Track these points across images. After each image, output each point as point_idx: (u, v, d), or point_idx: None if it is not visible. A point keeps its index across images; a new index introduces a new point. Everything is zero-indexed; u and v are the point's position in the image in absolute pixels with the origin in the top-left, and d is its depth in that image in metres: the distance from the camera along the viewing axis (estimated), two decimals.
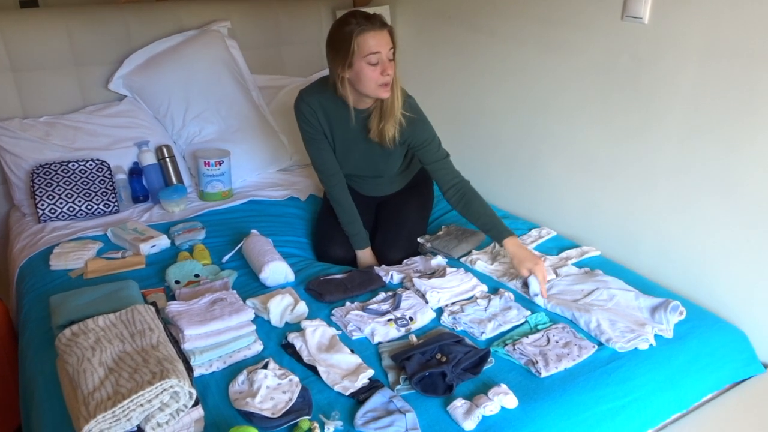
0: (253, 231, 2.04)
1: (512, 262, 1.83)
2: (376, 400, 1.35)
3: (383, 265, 1.99)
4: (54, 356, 1.45)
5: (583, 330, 1.63)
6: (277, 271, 1.82)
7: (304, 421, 1.29)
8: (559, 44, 2.07)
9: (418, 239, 2.13)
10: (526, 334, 1.59)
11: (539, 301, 1.74)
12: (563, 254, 2.02)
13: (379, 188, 2.24)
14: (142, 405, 1.18)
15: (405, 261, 2.00)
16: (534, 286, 1.76)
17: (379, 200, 2.28)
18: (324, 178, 2.09)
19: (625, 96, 1.89)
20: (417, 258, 2.01)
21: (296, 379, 1.41)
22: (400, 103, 1.87)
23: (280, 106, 2.79)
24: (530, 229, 2.20)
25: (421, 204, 2.25)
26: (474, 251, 2.04)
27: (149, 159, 2.43)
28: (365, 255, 2.10)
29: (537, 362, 1.47)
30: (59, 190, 2.22)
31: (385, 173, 2.14)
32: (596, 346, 1.55)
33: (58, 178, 2.24)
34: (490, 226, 1.89)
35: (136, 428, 1.20)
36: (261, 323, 1.63)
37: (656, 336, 1.59)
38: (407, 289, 1.81)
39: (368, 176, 2.17)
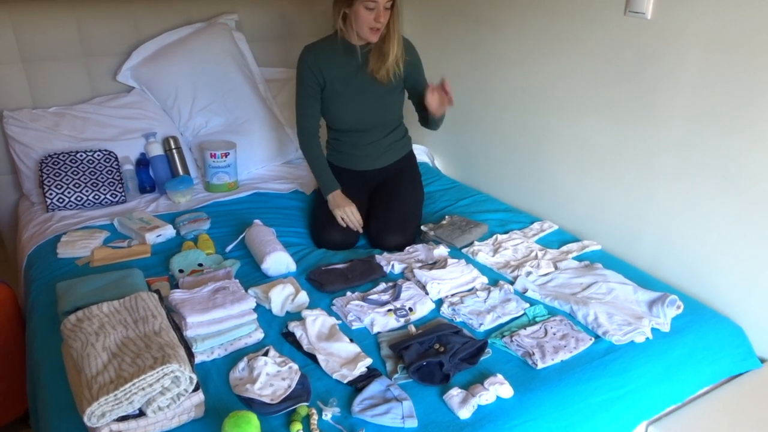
0: (256, 221, 2.06)
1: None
2: (374, 388, 1.37)
3: (385, 254, 2.00)
4: (60, 341, 1.48)
5: (581, 323, 1.64)
6: (278, 261, 1.85)
7: (303, 408, 1.32)
8: (563, 38, 2.07)
9: (422, 227, 2.15)
10: (524, 326, 1.61)
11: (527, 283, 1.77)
12: (564, 248, 2.02)
13: (374, 157, 2.27)
14: (143, 389, 1.21)
15: (407, 249, 2.02)
16: (520, 282, 1.81)
17: (372, 184, 2.30)
18: (305, 134, 2.19)
19: (628, 90, 1.90)
20: (419, 246, 2.02)
21: (296, 366, 1.44)
22: (398, 51, 2.06)
23: (286, 99, 2.81)
24: (532, 223, 2.21)
25: (413, 186, 2.29)
26: (476, 242, 2.05)
27: (156, 150, 2.46)
28: (335, 197, 2.16)
29: (534, 354, 1.49)
30: (67, 179, 2.25)
31: (387, 118, 2.23)
32: (593, 339, 1.57)
33: (66, 168, 2.27)
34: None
35: (137, 411, 1.23)
36: (262, 312, 1.66)
37: (653, 329, 1.60)
38: (408, 279, 1.83)
39: (369, 130, 2.22)
